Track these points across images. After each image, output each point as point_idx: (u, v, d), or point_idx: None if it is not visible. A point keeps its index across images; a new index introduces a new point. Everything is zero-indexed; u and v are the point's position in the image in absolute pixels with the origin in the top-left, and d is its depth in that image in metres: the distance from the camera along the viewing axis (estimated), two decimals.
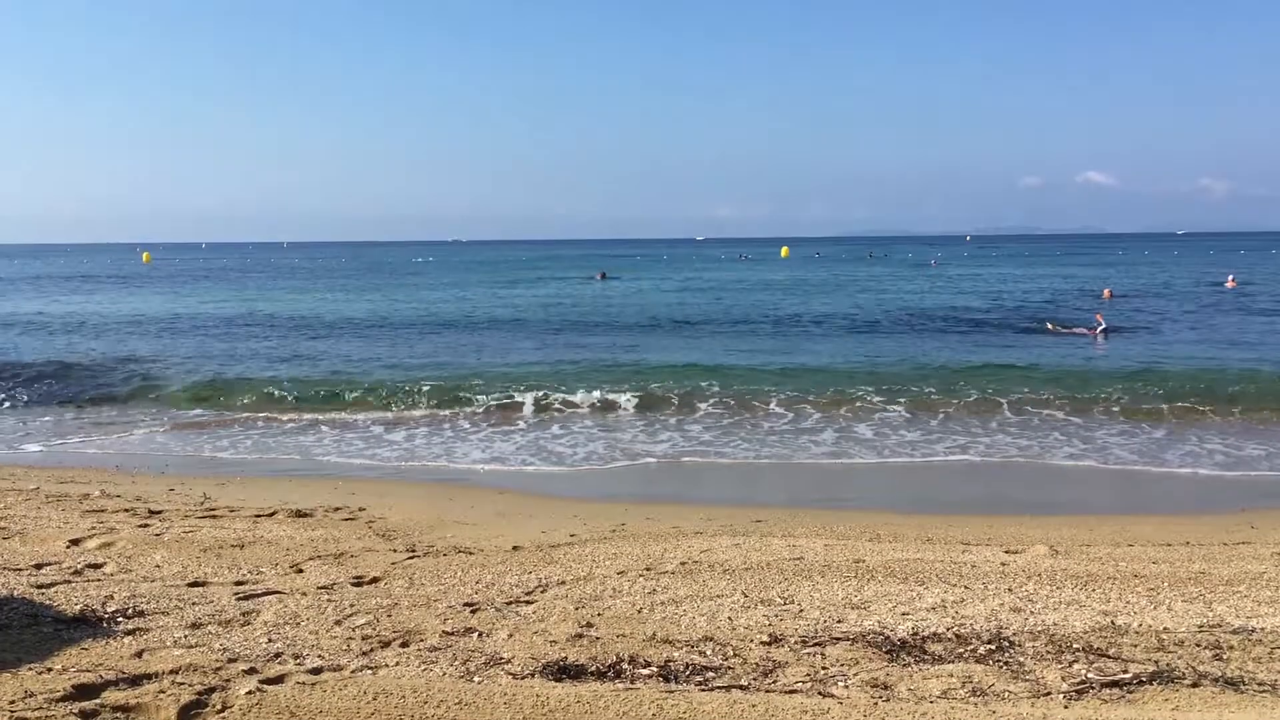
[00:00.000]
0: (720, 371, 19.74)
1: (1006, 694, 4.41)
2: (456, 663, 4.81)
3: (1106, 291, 42.84)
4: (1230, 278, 52.24)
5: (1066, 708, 4.28)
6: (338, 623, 5.49)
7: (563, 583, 6.53)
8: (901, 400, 16.54)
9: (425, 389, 17.59)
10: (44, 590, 5.97)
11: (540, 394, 17.00)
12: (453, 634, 5.30)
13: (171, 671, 4.55)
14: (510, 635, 5.28)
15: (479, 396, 17.03)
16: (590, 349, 24.68)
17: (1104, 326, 26.96)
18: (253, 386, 18.83)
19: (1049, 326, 28.77)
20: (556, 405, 16.58)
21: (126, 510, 9.15)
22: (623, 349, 24.71)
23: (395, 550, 7.69)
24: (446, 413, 16.49)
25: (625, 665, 4.80)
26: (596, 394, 16.92)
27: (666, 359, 22.15)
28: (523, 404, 16.64)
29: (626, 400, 16.72)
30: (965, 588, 6.40)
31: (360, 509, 9.64)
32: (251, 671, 4.59)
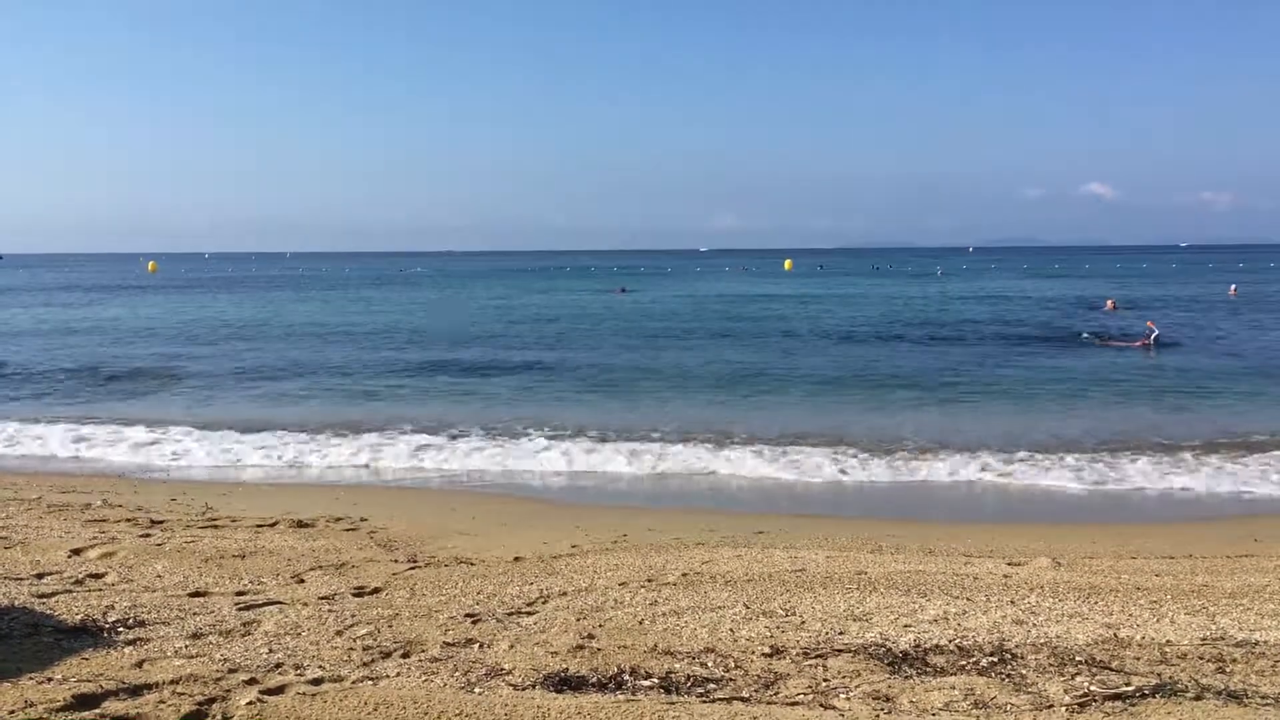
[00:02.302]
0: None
1: (1009, 706, 4.40)
2: (457, 674, 4.80)
3: (1110, 302, 42.77)
4: (1232, 287, 52.50)
5: None
6: (339, 633, 5.48)
7: (564, 594, 6.52)
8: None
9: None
10: (45, 600, 5.97)
11: None
12: (454, 645, 5.29)
13: (172, 682, 4.55)
14: (511, 646, 5.27)
15: None
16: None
17: (1156, 333, 26.22)
18: None
19: (1096, 341, 27.82)
20: None
21: (128, 520, 9.16)
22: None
23: (397, 561, 7.69)
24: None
25: (626, 677, 4.79)
26: None
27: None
28: None
29: None
30: (967, 600, 6.38)
31: (362, 519, 9.64)
32: (252, 682, 4.58)
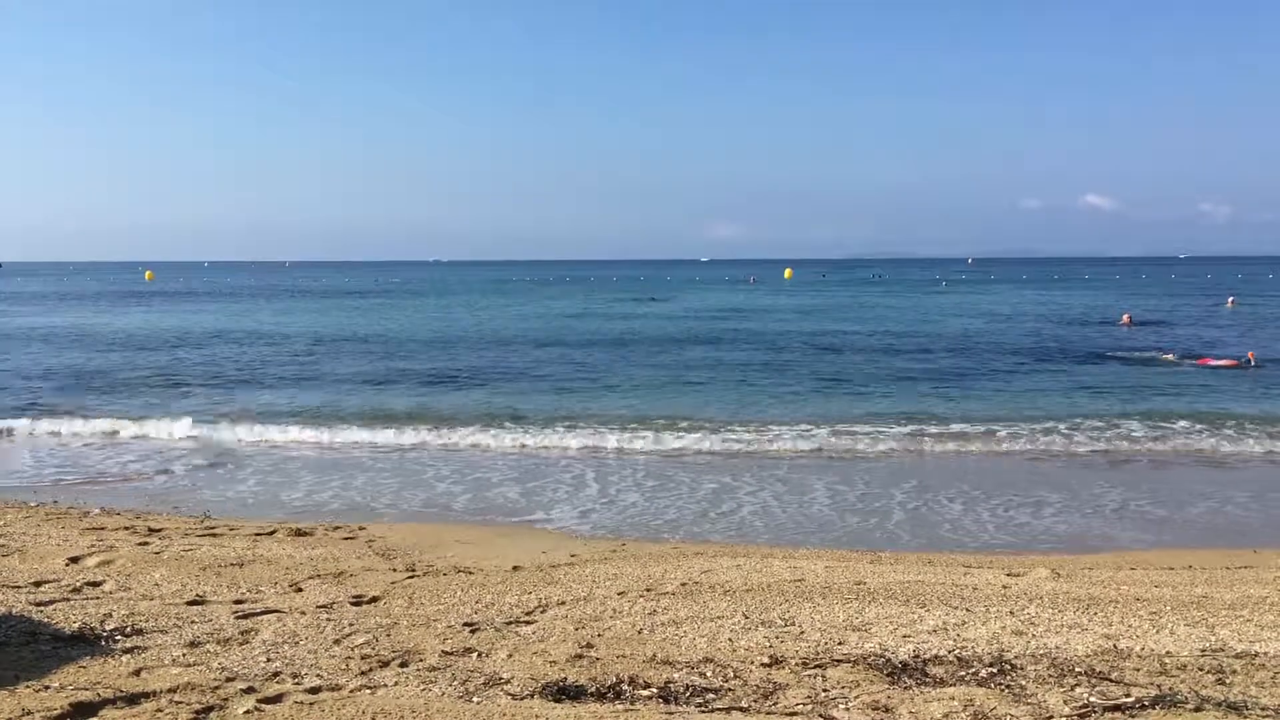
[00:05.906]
0: None
1: (1008, 717, 4.39)
2: (456, 683, 4.79)
3: (1126, 316, 41.87)
4: (1231, 299, 52.43)
5: None
6: (336, 642, 5.47)
7: (563, 603, 6.51)
8: None
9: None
10: (43, 608, 5.95)
11: None
12: (452, 654, 5.28)
13: (170, 690, 4.53)
14: (510, 655, 5.26)
15: None
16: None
17: (1253, 364, 24.69)
18: None
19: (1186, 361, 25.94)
20: None
21: (126, 528, 9.14)
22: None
23: (395, 569, 7.67)
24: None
25: (625, 686, 4.78)
26: None
27: None
28: None
29: None
30: (967, 610, 6.37)
31: (360, 528, 9.63)
32: (250, 690, 4.57)
